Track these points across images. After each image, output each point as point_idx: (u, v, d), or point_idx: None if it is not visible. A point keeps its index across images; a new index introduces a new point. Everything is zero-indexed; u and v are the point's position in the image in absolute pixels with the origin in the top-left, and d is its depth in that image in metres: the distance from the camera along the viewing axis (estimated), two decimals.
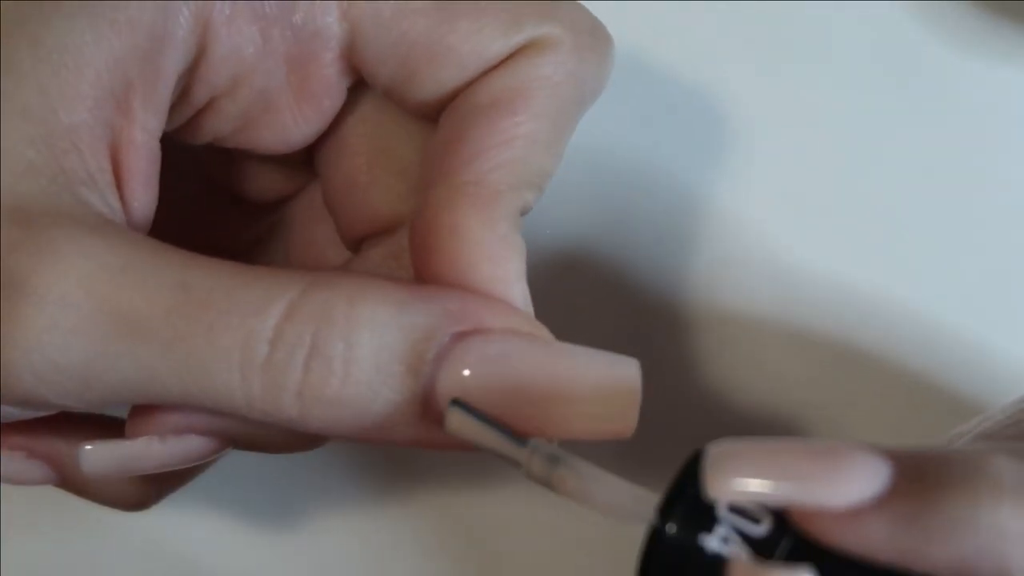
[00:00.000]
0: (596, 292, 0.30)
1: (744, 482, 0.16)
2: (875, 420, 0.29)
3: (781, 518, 0.17)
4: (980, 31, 0.30)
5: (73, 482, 0.23)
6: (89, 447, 0.21)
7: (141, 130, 0.20)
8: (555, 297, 0.30)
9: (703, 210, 0.30)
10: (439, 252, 0.20)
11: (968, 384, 0.29)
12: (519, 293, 0.21)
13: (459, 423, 0.19)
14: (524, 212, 0.21)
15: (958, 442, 0.21)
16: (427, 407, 0.19)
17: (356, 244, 0.24)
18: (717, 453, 0.17)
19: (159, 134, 0.21)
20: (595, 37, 0.22)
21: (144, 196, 0.21)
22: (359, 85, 0.23)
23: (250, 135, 0.23)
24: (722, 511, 0.17)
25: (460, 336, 0.19)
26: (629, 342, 0.30)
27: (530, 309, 0.21)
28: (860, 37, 0.30)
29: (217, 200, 0.26)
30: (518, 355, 0.19)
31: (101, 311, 0.18)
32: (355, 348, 0.19)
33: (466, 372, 0.19)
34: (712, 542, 0.17)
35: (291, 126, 0.23)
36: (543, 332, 0.20)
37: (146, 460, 0.21)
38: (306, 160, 0.25)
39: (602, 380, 0.19)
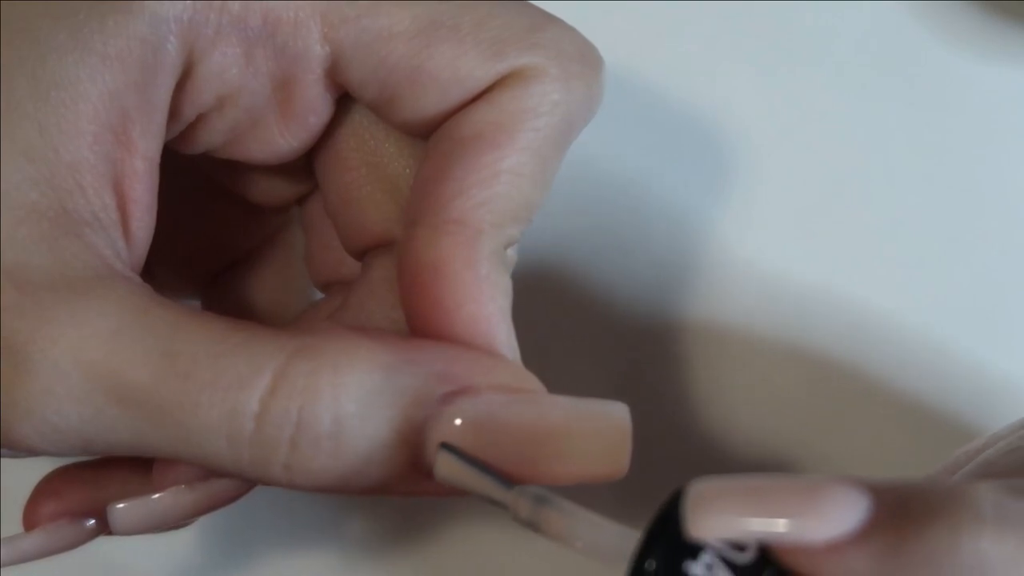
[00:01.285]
0: (588, 304, 0.30)
1: (723, 521, 0.17)
2: (877, 441, 0.29)
3: (766, 548, 0.17)
4: (980, 31, 0.30)
5: None
6: (120, 506, 0.21)
7: (142, 159, 0.20)
8: (546, 315, 0.30)
9: (702, 215, 0.30)
10: (423, 292, 0.20)
11: (965, 398, 0.29)
12: (503, 334, 0.21)
13: (448, 468, 0.19)
14: (510, 245, 0.21)
15: (963, 463, 0.21)
16: (417, 467, 0.19)
17: (359, 254, 0.24)
18: (696, 492, 0.17)
19: (159, 157, 0.21)
20: (583, 63, 0.21)
21: (146, 219, 0.21)
22: (350, 96, 0.23)
23: (240, 147, 0.23)
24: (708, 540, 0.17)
25: (448, 397, 0.19)
26: (624, 360, 0.30)
27: (515, 348, 0.21)
28: (860, 37, 0.30)
29: (223, 202, 0.26)
30: (507, 413, 0.19)
31: (91, 380, 0.19)
32: (342, 421, 0.19)
33: (456, 433, 0.19)
34: (697, 568, 0.17)
35: (279, 140, 0.23)
36: (531, 383, 0.20)
37: (177, 511, 0.21)
38: (309, 166, 0.25)
39: (592, 430, 0.19)
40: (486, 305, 0.20)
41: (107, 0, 0.19)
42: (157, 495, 0.21)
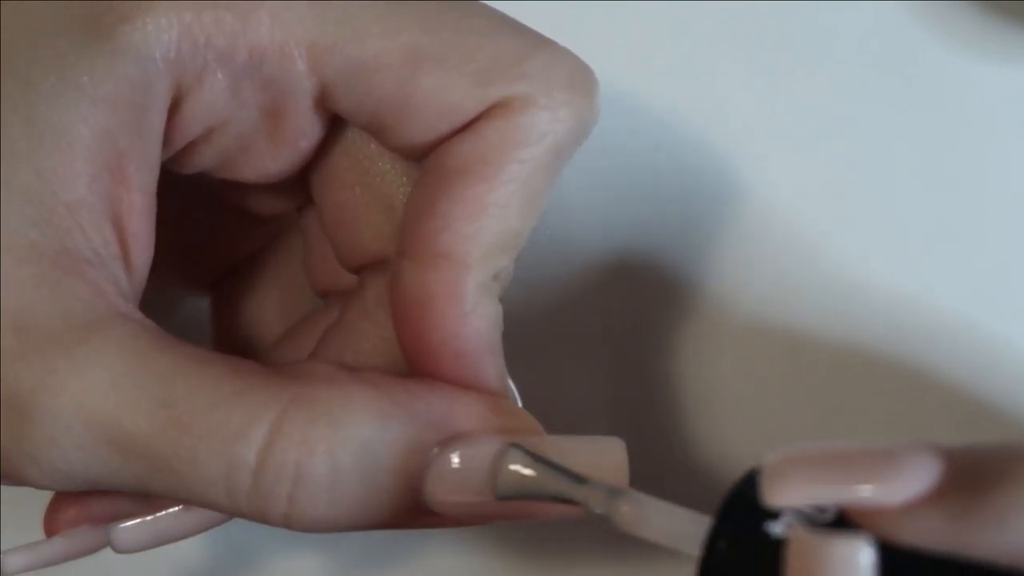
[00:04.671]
0: (585, 308, 0.30)
1: (802, 490, 0.17)
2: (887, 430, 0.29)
3: (844, 509, 0.17)
4: (980, 31, 0.30)
5: None
6: (122, 526, 0.22)
7: (139, 193, 0.21)
8: (542, 322, 0.30)
9: (700, 215, 0.30)
10: (411, 327, 0.21)
11: (963, 403, 0.29)
12: (492, 369, 0.21)
13: (516, 469, 0.19)
14: (499, 274, 0.21)
15: None
16: (417, 506, 0.20)
17: (355, 270, 0.24)
18: (773, 464, 0.17)
19: (155, 186, 0.21)
20: (572, 91, 0.21)
21: (146, 246, 0.21)
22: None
23: (231, 169, 0.23)
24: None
25: (445, 443, 0.20)
26: (623, 366, 0.30)
27: (506, 380, 0.21)
28: (859, 37, 0.30)
29: (222, 208, 0.27)
30: (505, 457, 0.20)
31: (93, 431, 0.19)
32: (340, 474, 0.19)
33: (452, 479, 0.20)
34: (777, 528, 0.17)
35: (270, 163, 0.23)
36: (526, 422, 0.21)
37: (176, 531, 0.22)
38: (304, 179, 0.25)
39: (589, 468, 0.20)
40: (472, 340, 0.21)
41: (93, 41, 0.19)
42: (157, 515, 0.22)
